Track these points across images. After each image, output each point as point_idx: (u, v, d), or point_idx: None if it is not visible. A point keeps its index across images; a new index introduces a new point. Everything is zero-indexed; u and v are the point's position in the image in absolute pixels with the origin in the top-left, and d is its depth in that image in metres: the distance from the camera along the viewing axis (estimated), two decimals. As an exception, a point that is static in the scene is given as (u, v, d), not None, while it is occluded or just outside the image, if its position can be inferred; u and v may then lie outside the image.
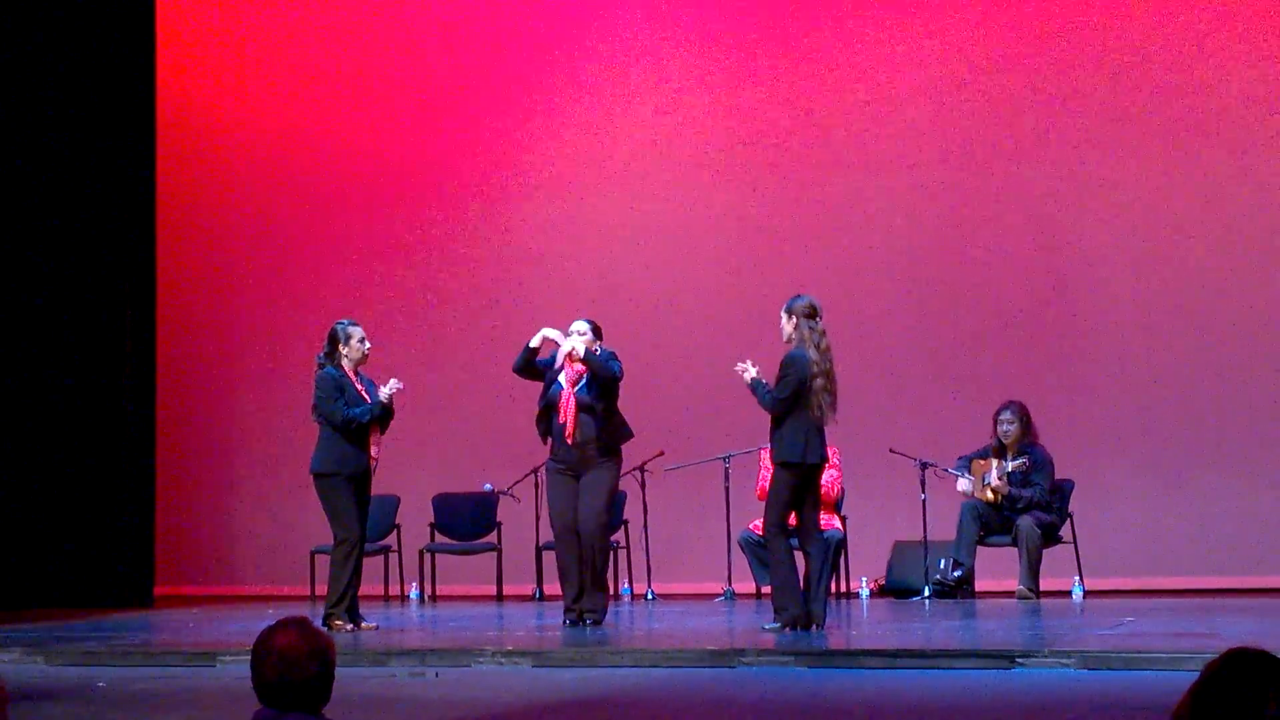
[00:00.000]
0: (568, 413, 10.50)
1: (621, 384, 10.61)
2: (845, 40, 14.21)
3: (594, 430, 10.48)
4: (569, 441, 10.50)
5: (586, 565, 10.52)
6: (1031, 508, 12.35)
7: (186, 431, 14.87)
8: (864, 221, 14.08)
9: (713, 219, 14.38)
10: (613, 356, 10.61)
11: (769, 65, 14.36)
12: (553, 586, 13.12)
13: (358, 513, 10.49)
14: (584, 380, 10.55)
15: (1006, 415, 12.54)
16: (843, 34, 14.22)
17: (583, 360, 10.52)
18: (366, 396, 10.51)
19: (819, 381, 9.72)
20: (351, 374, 10.56)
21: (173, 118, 14.76)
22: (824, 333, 9.83)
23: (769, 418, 9.88)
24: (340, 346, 10.55)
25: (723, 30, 14.46)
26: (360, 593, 10.71)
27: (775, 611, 9.88)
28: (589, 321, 10.69)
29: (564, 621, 10.50)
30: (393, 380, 10.58)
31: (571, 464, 10.54)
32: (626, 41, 14.62)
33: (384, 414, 10.61)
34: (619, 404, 10.62)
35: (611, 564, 13.14)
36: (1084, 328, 13.69)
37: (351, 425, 10.40)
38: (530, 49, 14.78)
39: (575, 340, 10.58)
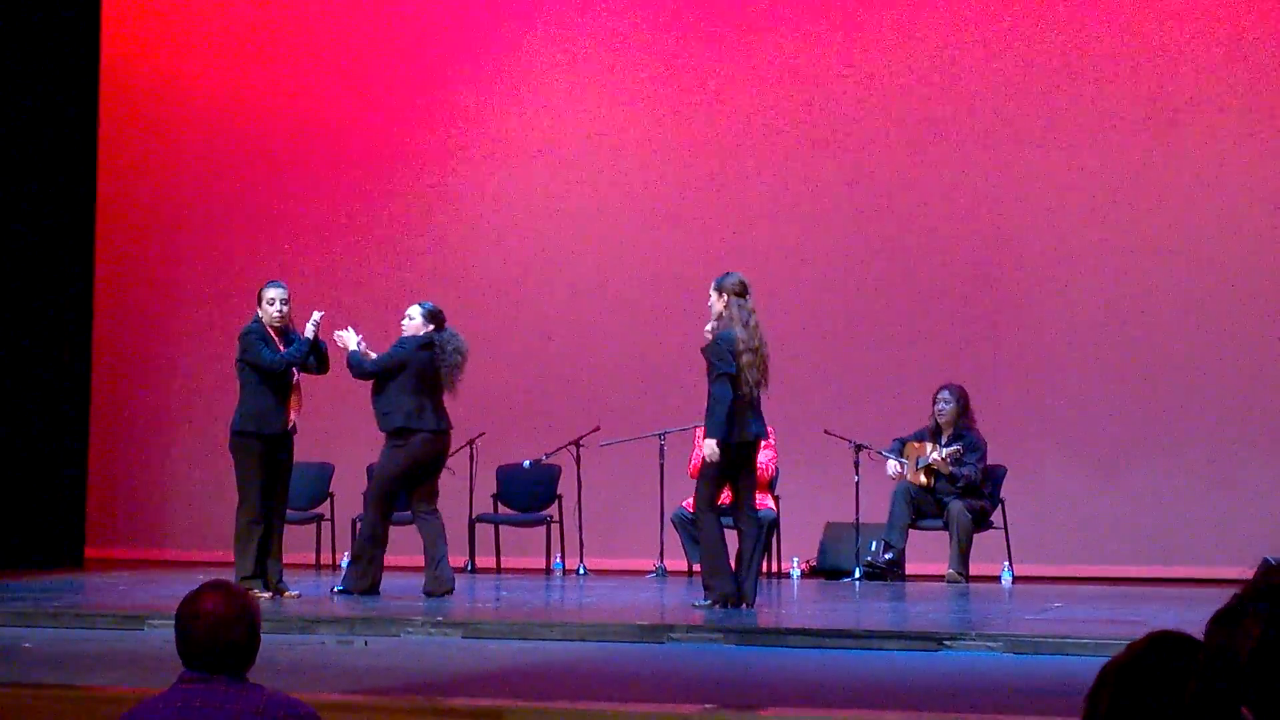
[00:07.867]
0: None
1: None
2: (789, 24, 14.20)
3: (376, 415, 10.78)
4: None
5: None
6: (969, 487, 12.40)
7: (121, 394, 14.77)
8: (802, 204, 14.08)
9: (651, 197, 14.35)
10: (420, 345, 10.66)
11: (711, 46, 14.33)
12: (485, 559, 13.19)
13: (264, 483, 10.45)
14: None
15: (945, 395, 12.59)
16: (789, 17, 14.21)
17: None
18: None
19: (746, 358, 9.74)
20: (273, 332, 10.54)
21: (115, 76, 14.65)
22: (753, 310, 9.86)
23: (704, 395, 9.89)
24: (259, 306, 10.56)
25: (673, 9, 14.43)
26: (290, 561, 10.67)
27: (705, 589, 9.91)
28: (422, 306, 10.88)
29: None
30: (314, 316, 10.60)
31: None
32: (577, 14, 14.57)
33: (320, 358, 10.60)
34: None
35: (544, 538, 13.24)
36: (1019, 315, 13.75)
37: (280, 365, 10.40)
38: (481, 17, 14.71)
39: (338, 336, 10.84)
